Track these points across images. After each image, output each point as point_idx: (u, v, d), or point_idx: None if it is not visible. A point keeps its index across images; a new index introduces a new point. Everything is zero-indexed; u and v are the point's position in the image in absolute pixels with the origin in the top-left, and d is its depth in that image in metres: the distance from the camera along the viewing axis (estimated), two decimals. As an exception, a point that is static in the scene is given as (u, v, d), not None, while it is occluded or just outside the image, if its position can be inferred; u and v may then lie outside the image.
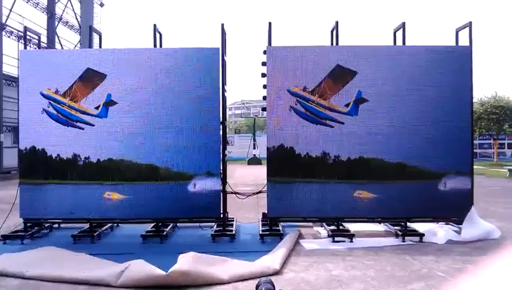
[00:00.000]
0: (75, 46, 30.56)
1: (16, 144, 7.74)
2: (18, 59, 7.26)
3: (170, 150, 7.01)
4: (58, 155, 7.10)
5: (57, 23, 28.68)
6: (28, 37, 7.84)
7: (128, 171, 7.05)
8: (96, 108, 7.07)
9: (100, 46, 8.27)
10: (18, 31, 23.26)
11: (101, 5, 34.07)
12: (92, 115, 7.08)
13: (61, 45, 28.78)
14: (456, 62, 7.12)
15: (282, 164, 7.13)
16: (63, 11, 29.97)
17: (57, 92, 7.09)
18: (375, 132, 7.08)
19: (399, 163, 7.08)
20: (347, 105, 7.11)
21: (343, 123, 7.08)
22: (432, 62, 7.08)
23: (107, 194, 7.04)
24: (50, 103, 7.10)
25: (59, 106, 7.10)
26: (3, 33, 22.60)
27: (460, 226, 7.00)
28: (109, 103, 7.06)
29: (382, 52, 7.18)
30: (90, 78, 7.04)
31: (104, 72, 7.04)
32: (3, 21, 22.46)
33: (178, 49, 7.19)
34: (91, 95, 7.07)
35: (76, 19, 31.31)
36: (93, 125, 7.06)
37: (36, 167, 7.13)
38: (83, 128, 7.09)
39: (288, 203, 7.06)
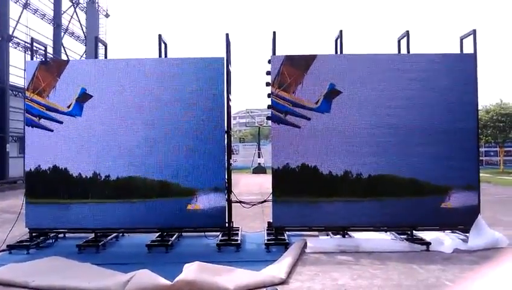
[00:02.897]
0: (81, 56, 30.87)
1: (22, 154, 7.79)
2: (24, 70, 7.32)
3: (173, 164, 7.03)
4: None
5: (63, 34, 29.02)
6: (34, 48, 7.91)
7: (135, 187, 7.07)
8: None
9: (105, 57, 8.33)
10: (25, 42, 23.53)
11: (107, 15, 34.45)
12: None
13: (67, 56, 29.04)
14: (461, 70, 7.12)
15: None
16: (69, 22, 30.34)
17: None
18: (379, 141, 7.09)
19: (411, 179, 7.06)
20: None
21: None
22: (436, 70, 7.09)
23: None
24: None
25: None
26: (10, 44, 22.85)
27: (467, 234, 6.95)
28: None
29: (384, 62, 7.19)
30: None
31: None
32: (10, 32, 22.72)
33: (183, 59, 7.23)
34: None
35: (82, 29, 31.66)
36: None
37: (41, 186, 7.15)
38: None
39: (293, 212, 7.05)
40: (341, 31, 7.50)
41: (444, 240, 6.88)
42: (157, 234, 7.24)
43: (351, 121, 7.09)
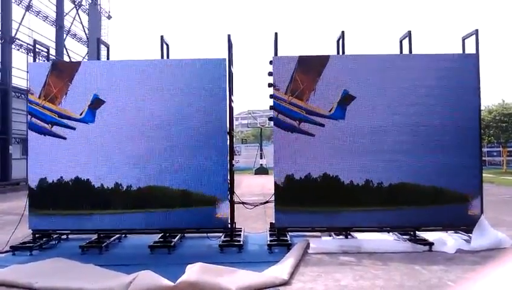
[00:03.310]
0: (83, 58, 30.94)
1: (25, 155, 7.81)
2: (27, 72, 7.35)
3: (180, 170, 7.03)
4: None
5: (65, 35, 29.11)
6: (37, 50, 7.94)
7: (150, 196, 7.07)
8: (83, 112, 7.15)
9: (108, 58, 8.35)
10: (27, 44, 23.60)
11: (109, 17, 34.55)
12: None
13: (70, 57, 29.12)
14: (463, 70, 7.12)
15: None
16: (71, 23, 30.41)
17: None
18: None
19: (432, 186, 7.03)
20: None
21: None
22: (438, 70, 7.08)
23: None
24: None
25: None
26: (13, 46, 22.94)
27: (470, 235, 6.93)
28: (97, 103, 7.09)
29: (388, 62, 7.19)
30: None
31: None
32: (13, 34, 22.80)
33: (185, 60, 7.24)
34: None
35: (84, 31, 31.75)
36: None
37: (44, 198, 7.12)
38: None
39: (295, 213, 7.04)
40: (343, 32, 7.50)
41: (447, 241, 6.87)
42: (160, 235, 7.25)
43: (366, 126, 7.05)
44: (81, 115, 7.08)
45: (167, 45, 7.77)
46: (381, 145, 7.03)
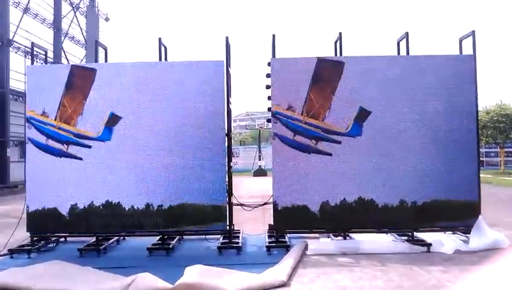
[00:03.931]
0: (81, 60, 30.92)
1: (23, 158, 7.78)
2: (25, 74, 7.34)
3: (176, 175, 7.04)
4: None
5: (63, 38, 29.07)
6: (35, 53, 7.93)
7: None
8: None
9: (106, 61, 8.36)
10: (25, 46, 23.56)
11: (107, 19, 34.53)
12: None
13: (68, 60, 29.10)
14: (460, 71, 7.14)
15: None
16: (69, 26, 30.37)
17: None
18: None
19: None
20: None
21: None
22: (435, 72, 7.10)
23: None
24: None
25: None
26: (11, 49, 22.90)
27: (468, 235, 6.94)
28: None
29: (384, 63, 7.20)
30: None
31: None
32: (11, 37, 22.77)
33: (183, 62, 7.24)
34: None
35: (82, 33, 31.74)
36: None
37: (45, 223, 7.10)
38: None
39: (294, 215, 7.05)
40: (340, 34, 7.52)
41: (445, 241, 6.88)
42: (158, 237, 7.25)
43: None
44: (98, 133, 7.05)
45: (165, 47, 7.78)
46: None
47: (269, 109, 7.17)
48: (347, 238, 7.35)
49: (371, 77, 7.07)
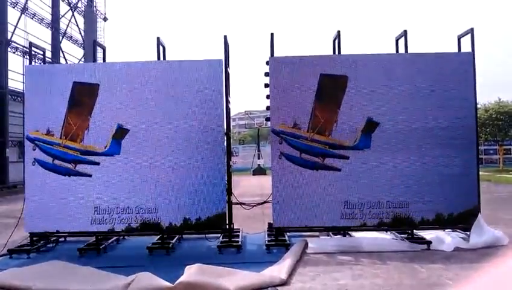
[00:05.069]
0: (79, 60, 30.88)
1: (22, 158, 7.75)
2: (23, 74, 7.32)
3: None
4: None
5: (61, 38, 28.99)
6: (33, 53, 7.92)
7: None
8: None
9: (104, 60, 8.34)
10: (23, 46, 23.51)
11: (105, 19, 34.45)
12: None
13: (66, 60, 29.04)
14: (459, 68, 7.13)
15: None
16: (67, 26, 30.30)
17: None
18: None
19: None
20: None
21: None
22: (434, 69, 7.09)
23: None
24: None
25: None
26: (9, 49, 22.85)
27: (467, 233, 6.95)
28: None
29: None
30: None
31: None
32: (9, 37, 22.71)
33: (181, 61, 7.23)
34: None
35: (80, 33, 31.67)
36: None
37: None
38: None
39: (293, 213, 7.04)
40: (339, 32, 7.52)
41: (445, 239, 6.88)
42: (158, 237, 7.24)
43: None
44: (105, 147, 6.99)
45: (163, 47, 7.76)
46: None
47: (268, 108, 7.15)
48: (346, 236, 7.35)
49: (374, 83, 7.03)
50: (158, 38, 7.58)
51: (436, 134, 6.99)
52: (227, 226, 7.09)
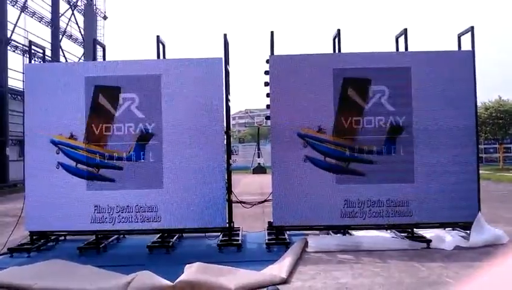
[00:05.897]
0: (79, 59, 30.83)
1: (22, 157, 7.75)
2: (23, 73, 7.31)
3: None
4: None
5: (61, 36, 28.94)
6: (32, 51, 7.91)
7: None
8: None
9: (104, 59, 8.33)
10: (23, 45, 23.47)
11: (104, 17, 34.41)
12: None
13: (66, 58, 29.00)
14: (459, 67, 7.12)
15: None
16: (67, 24, 30.25)
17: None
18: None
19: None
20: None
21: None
22: (434, 68, 7.08)
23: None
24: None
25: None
26: (9, 47, 22.82)
27: (468, 231, 6.95)
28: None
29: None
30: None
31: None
32: (8, 36, 22.68)
33: (181, 59, 7.22)
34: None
35: (80, 32, 31.62)
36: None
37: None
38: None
39: (293, 212, 7.03)
40: (339, 30, 7.50)
41: (445, 238, 6.88)
42: (158, 235, 7.23)
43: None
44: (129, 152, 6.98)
45: (163, 45, 7.75)
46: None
47: (268, 106, 7.14)
48: (346, 235, 7.35)
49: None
50: (158, 37, 7.57)
51: (436, 133, 6.98)
52: (228, 225, 7.08)
